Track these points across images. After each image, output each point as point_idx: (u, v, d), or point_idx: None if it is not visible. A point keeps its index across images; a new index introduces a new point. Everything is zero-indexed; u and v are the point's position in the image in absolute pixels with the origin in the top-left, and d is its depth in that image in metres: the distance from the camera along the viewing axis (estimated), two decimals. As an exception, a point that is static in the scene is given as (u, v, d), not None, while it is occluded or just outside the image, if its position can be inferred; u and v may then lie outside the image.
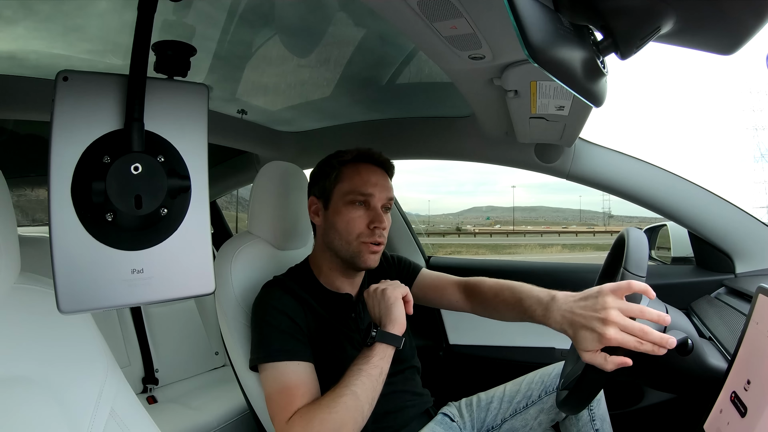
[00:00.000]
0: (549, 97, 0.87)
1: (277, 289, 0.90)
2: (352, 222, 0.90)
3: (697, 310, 1.12)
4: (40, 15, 0.86)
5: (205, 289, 0.51)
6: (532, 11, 0.39)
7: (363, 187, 0.91)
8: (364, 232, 0.90)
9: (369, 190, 0.91)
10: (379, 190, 0.92)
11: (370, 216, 0.91)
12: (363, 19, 0.92)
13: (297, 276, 0.97)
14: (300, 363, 0.82)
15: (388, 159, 0.98)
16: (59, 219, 0.44)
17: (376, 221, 0.90)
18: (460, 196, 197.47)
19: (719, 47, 0.43)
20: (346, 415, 0.73)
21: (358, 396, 0.75)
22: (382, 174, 0.95)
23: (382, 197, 0.92)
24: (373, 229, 0.90)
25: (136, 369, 1.59)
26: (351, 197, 0.91)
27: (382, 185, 0.93)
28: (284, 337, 0.84)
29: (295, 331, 0.85)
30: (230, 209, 3.39)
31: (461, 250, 26.67)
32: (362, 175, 0.93)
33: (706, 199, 1.19)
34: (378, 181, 0.93)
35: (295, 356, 0.82)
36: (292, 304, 0.88)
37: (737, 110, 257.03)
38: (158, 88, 0.49)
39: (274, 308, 0.86)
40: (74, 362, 0.55)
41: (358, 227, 0.90)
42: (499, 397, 1.06)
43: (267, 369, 0.82)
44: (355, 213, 0.91)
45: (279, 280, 0.94)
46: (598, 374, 0.70)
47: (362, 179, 0.92)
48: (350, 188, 0.92)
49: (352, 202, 0.91)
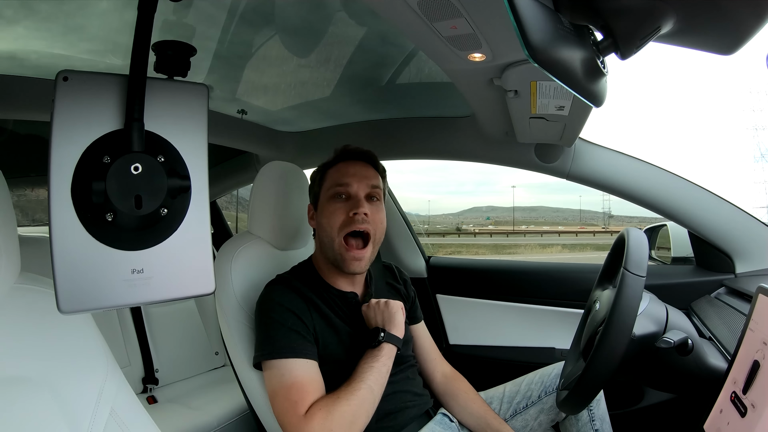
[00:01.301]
0: (549, 97, 0.87)
1: (283, 287, 0.91)
2: (333, 214, 0.92)
3: (697, 310, 1.12)
4: (40, 15, 0.86)
5: (205, 289, 0.51)
6: (532, 11, 0.38)
7: (341, 178, 0.94)
8: (345, 220, 0.91)
9: (346, 180, 0.94)
10: (358, 179, 0.94)
11: (349, 205, 0.92)
12: (363, 19, 0.92)
13: (301, 274, 0.97)
14: (307, 361, 0.83)
15: (369, 150, 1.00)
16: (59, 219, 0.44)
17: (355, 207, 0.91)
18: (460, 196, 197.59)
19: (719, 47, 0.43)
20: (362, 407, 0.80)
21: (372, 390, 0.81)
22: (362, 165, 0.97)
23: (362, 185, 0.94)
24: (353, 216, 0.91)
25: (136, 369, 1.59)
26: (332, 191, 0.94)
27: (361, 174, 0.95)
28: (291, 335, 0.84)
29: (301, 329, 0.85)
30: (230, 209, 3.39)
31: (461, 250, 26.67)
32: (340, 169, 0.96)
33: (706, 199, 1.19)
34: (356, 171, 0.95)
35: (302, 353, 0.83)
36: (298, 302, 0.88)
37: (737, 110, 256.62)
38: (158, 88, 0.49)
39: (279, 305, 0.87)
40: (74, 362, 0.55)
41: (339, 218, 0.91)
42: (498, 397, 1.06)
43: (273, 366, 0.83)
44: (336, 206, 0.93)
45: (284, 278, 0.94)
46: (598, 374, 0.70)
47: (340, 173, 0.95)
48: (330, 185, 0.95)
49: (333, 196, 0.94)
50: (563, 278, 1.43)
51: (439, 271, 1.61)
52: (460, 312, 1.53)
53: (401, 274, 1.14)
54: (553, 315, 1.41)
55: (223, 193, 2.19)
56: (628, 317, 0.69)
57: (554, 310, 1.41)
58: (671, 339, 0.73)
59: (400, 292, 1.09)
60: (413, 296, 1.12)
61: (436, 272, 1.62)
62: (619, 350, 0.69)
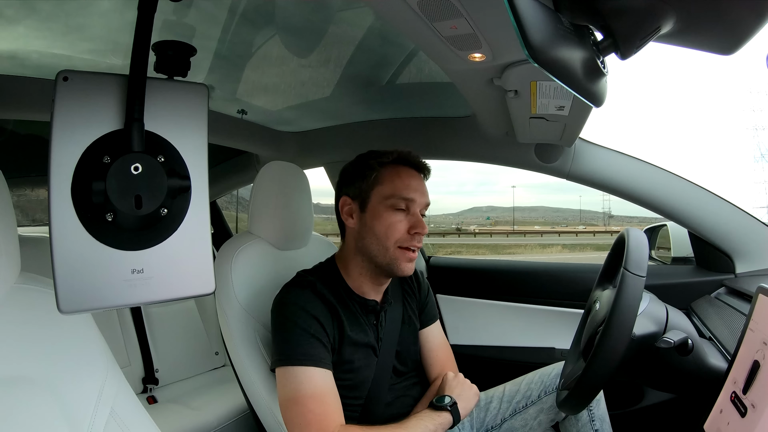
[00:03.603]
0: (549, 97, 0.87)
1: (309, 292, 0.87)
2: (393, 227, 0.88)
3: (697, 310, 1.12)
4: (41, 14, 0.85)
5: (205, 289, 0.51)
6: (532, 11, 0.39)
7: (405, 191, 0.89)
8: (404, 237, 0.88)
9: (411, 195, 0.89)
10: (420, 195, 0.91)
11: (410, 221, 0.89)
12: (363, 19, 0.92)
13: (325, 277, 0.92)
14: (326, 371, 0.82)
15: (426, 163, 0.97)
16: (59, 219, 0.44)
17: (418, 227, 0.88)
18: (461, 196, 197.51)
19: (719, 47, 0.43)
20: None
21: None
22: (421, 178, 0.94)
23: (421, 202, 0.91)
24: (413, 234, 0.89)
25: (136, 369, 1.59)
26: (392, 201, 0.89)
27: (422, 191, 0.92)
28: (313, 342, 0.82)
29: (323, 338, 0.83)
30: (230, 209, 3.39)
31: (461, 250, 26.65)
32: (403, 179, 0.90)
33: (706, 199, 1.19)
34: (418, 187, 0.92)
35: (322, 363, 0.81)
36: (322, 309, 0.86)
37: (737, 110, 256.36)
38: (158, 88, 0.49)
39: (303, 310, 0.84)
40: (74, 362, 0.55)
41: (399, 232, 0.88)
42: (498, 397, 1.06)
43: (291, 373, 0.81)
44: (396, 217, 0.88)
45: (310, 282, 0.89)
46: (598, 374, 0.70)
47: (404, 183, 0.90)
48: (391, 192, 0.89)
49: (392, 206, 0.89)
50: (563, 278, 1.43)
51: (439, 271, 1.61)
52: (460, 312, 1.53)
53: (418, 276, 1.09)
54: (553, 315, 1.41)
55: (223, 193, 2.19)
56: (628, 317, 0.69)
57: (554, 310, 1.41)
58: (671, 339, 0.73)
59: (414, 295, 1.06)
60: (426, 299, 1.08)
61: (436, 272, 1.62)
62: (619, 350, 0.69)
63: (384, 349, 0.94)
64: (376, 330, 0.94)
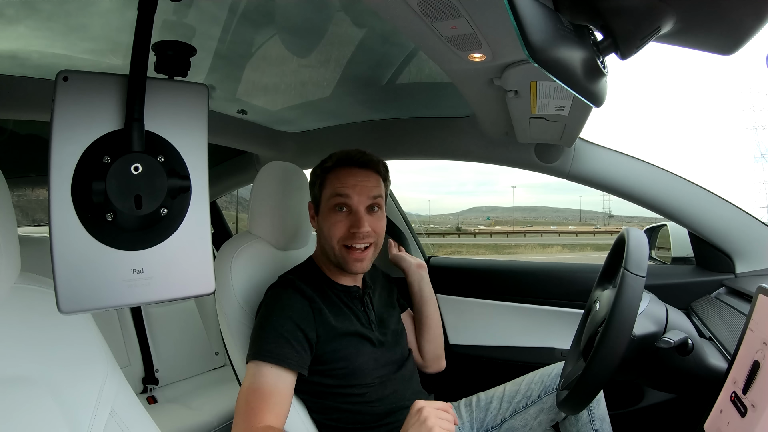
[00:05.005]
0: (549, 97, 0.87)
1: (289, 290, 0.89)
2: (334, 227, 0.92)
3: (697, 310, 1.12)
4: (42, 14, 0.85)
5: (205, 289, 0.51)
6: (532, 11, 0.38)
7: (341, 189, 0.92)
8: (345, 235, 0.92)
9: (347, 191, 0.92)
10: (358, 191, 0.92)
11: (350, 220, 0.92)
12: (363, 19, 0.92)
13: (304, 274, 0.96)
14: (283, 370, 0.82)
15: (373, 157, 0.97)
16: (59, 219, 0.44)
17: (355, 225, 0.91)
18: (461, 196, 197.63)
19: (719, 47, 0.43)
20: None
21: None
22: (364, 173, 0.95)
23: (363, 198, 0.92)
24: (353, 233, 0.91)
25: (136, 369, 1.59)
26: (333, 201, 0.93)
27: (362, 185, 0.93)
28: (280, 342, 0.83)
29: (294, 338, 0.84)
30: (230, 209, 3.39)
31: (461, 250, 26.66)
32: (341, 178, 0.94)
33: (706, 199, 1.18)
34: (357, 182, 0.93)
35: (282, 362, 0.81)
36: (301, 307, 0.88)
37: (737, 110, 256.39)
38: (158, 88, 0.49)
39: (280, 310, 0.86)
40: (74, 362, 0.55)
41: (339, 232, 0.92)
42: (498, 397, 1.06)
43: (251, 367, 0.83)
44: (336, 218, 0.92)
45: (289, 280, 0.92)
46: (598, 374, 0.70)
47: (340, 182, 0.93)
48: (331, 193, 0.94)
49: (334, 206, 0.93)
50: (563, 278, 1.43)
51: (439, 271, 1.61)
52: (460, 312, 1.53)
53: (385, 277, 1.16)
54: (553, 315, 1.41)
55: (223, 193, 2.19)
56: (628, 317, 0.69)
57: (554, 310, 1.41)
58: (671, 339, 0.73)
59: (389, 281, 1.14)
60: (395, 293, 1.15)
61: (436, 272, 1.61)
62: (619, 350, 0.69)
63: (379, 332, 0.97)
64: (366, 315, 0.97)
